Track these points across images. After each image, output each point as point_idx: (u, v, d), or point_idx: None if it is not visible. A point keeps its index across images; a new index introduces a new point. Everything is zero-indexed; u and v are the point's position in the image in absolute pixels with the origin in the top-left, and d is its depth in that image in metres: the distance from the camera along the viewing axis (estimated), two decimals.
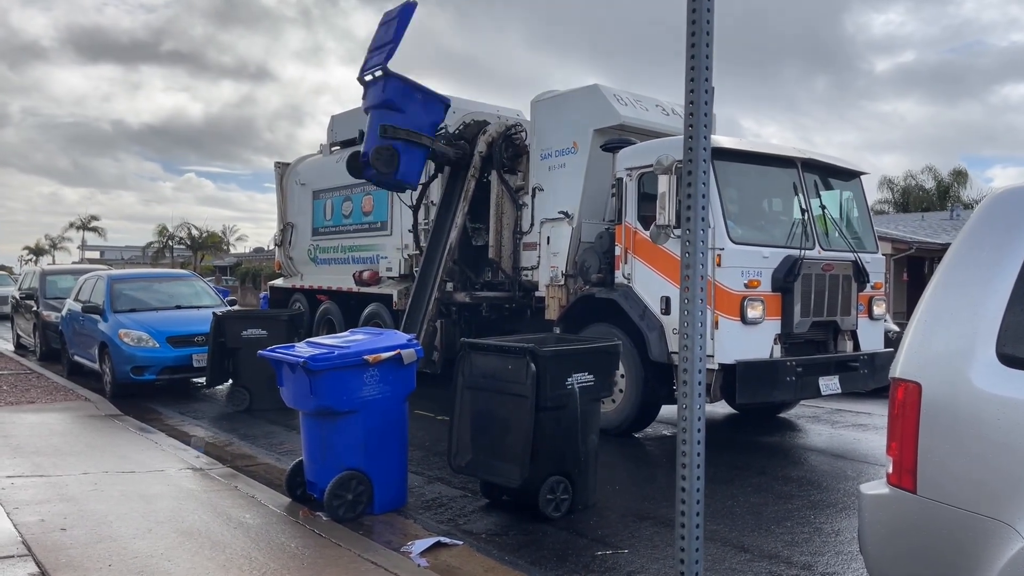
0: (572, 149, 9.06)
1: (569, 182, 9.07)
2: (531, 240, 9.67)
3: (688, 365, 2.82)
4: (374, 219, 12.35)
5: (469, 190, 10.15)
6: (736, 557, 4.83)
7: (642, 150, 8.07)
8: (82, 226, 72.85)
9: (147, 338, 10.51)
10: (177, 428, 8.85)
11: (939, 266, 2.91)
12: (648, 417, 8.22)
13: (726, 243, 7.17)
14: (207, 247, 65.84)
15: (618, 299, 8.02)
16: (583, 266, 8.65)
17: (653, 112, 9.20)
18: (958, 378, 2.65)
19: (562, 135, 9.18)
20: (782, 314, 7.36)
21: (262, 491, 6.01)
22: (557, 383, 5.34)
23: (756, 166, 7.91)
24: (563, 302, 8.90)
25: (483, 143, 10.19)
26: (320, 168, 13.90)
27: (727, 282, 7.12)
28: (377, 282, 11.89)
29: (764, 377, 7.21)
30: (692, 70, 2.65)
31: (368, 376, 5.44)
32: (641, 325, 7.70)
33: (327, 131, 13.93)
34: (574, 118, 9.06)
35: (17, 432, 7.90)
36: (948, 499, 2.62)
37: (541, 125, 9.53)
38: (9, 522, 4.97)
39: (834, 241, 8.02)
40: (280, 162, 15.03)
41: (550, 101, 9.50)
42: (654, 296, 7.71)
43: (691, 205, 2.89)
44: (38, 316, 14.83)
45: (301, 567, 4.40)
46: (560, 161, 9.22)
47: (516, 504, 5.67)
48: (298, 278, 14.27)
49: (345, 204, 13.05)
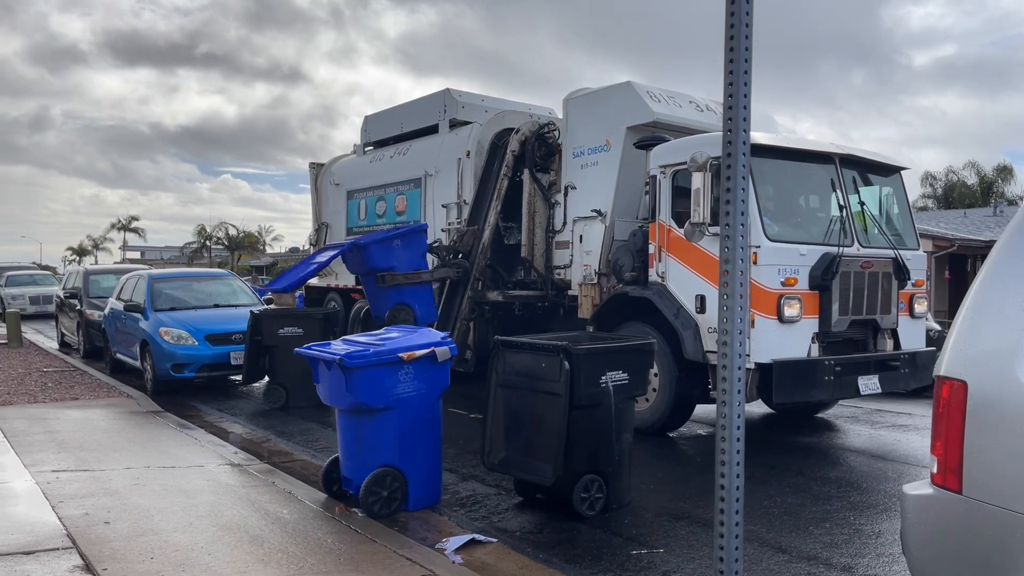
0: (605, 147, 8.99)
1: (602, 180, 9.01)
2: (564, 239, 9.63)
3: (728, 362, 2.79)
4: (407, 218, 12.41)
5: (502, 189, 10.15)
6: (774, 558, 4.77)
7: (676, 147, 7.97)
8: (123, 227, 74.47)
9: (187, 336, 10.70)
10: (216, 424, 8.99)
11: (985, 262, 2.84)
12: (682, 416, 8.16)
13: (762, 241, 7.07)
14: (244, 247, 66.86)
15: (652, 298, 7.94)
16: (616, 264, 8.58)
17: (687, 109, 9.10)
18: (1006, 376, 2.58)
19: (595, 133, 9.12)
20: (820, 312, 7.25)
21: (299, 487, 6.08)
22: (591, 381, 5.32)
23: (793, 162, 7.79)
24: (596, 301, 8.83)
25: (515, 142, 10.19)
26: (354, 168, 14.02)
27: (764, 280, 7.02)
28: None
29: (801, 376, 7.11)
30: (731, 63, 2.62)
31: (403, 374, 5.47)
32: (675, 324, 7.62)
33: (360, 131, 14.08)
34: (607, 115, 8.98)
35: (62, 428, 8.09)
36: (995, 500, 2.55)
37: (573, 123, 9.48)
38: (54, 515, 5.09)
39: (873, 238, 7.86)
40: (315, 163, 15.20)
41: (582, 99, 9.45)
42: (689, 294, 7.63)
43: (730, 200, 2.86)
44: (81, 315, 15.16)
45: (338, 562, 4.44)
46: (593, 159, 9.17)
47: (550, 502, 5.66)
48: (333, 277, 14.19)
49: (379, 204, 13.08)
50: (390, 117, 13.38)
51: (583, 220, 9.20)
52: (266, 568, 4.29)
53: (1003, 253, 2.77)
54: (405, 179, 12.33)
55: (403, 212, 12.51)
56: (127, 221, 74.89)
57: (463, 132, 11.38)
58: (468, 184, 10.93)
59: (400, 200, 12.52)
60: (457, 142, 11.33)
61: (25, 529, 4.81)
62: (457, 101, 12.00)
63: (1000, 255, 2.78)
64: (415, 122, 12.63)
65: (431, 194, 11.67)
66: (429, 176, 11.74)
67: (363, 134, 14.00)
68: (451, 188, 11.20)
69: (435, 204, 11.39)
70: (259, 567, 4.30)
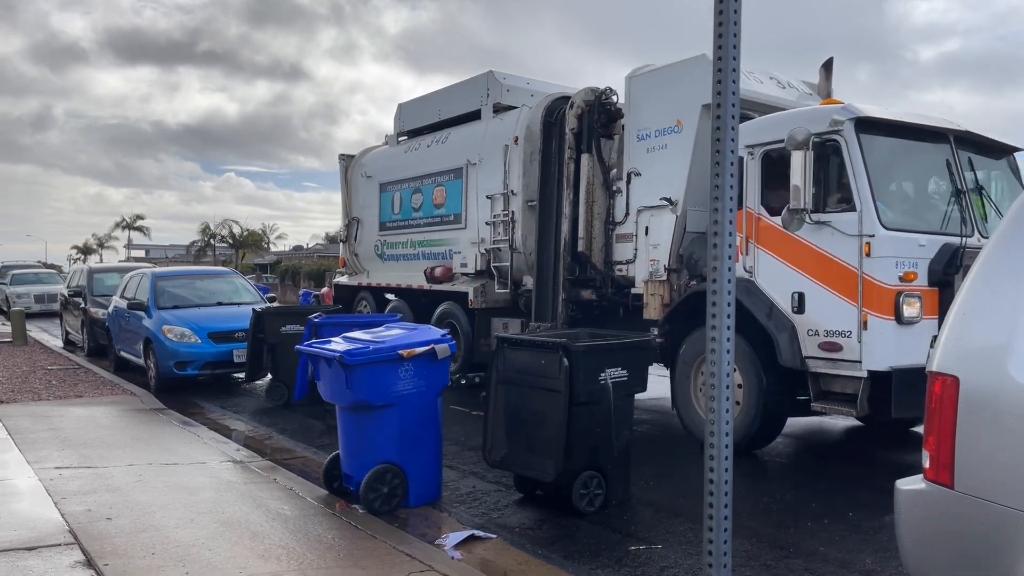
0: (675, 128, 8.04)
1: (672, 165, 8.08)
2: (626, 231, 8.74)
3: (716, 357, 2.80)
4: (446, 212, 11.62)
5: (570, 175, 9.20)
6: (771, 553, 4.78)
7: (767, 124, 7.14)
8: (128, 225, 74.74)
9: (189, 334, 10.74)
10: (218, 422, 9.04)
11: (977, 260, 2.85)
12: (772, 432, 7.26)
13: (877, 229, 6.21)
14: (248, 245, 66.98)
15: (738, 295, 7.05)
16: (690, 259, 7.73)
17: (769, 84, 8.22)
18: (997, 372, 2.59)
19: (663, 113, 8.18)
20: (939, 312, 6.26)
21: (300, 484, 6.11)
22: (590, 378, 5.34)
23: (905, 140, 6.90)
24: (665, 300, 7.94)
25: (572, 118, 9.27)
26: (387, 159, 13.31)
27: (879, 275, 6.18)
28: (450, 279, 11.22)
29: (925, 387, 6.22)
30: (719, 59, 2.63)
31: (403, 371, 5.50)
32: (768, 326, 6.73)
33: (394, 120, 13.32)
34: (678, 93, 8.02)
35: (65, 425, 8.13)
36: (986, 494, 2.56)
37: (637, 103, 8.56)
38: (57, 512, 5.12)
39: (994, 227, 6.99)
40: (344, 154, 14.40)
41: (648, 76, 8.48)
42: (783, 291, 6.75)
43: (719, 184, 2.87)
44: (86, 313, 15.22)
45: (337, 558, 4.47)
46: (661, 142, 8.22)
47: (549, 499, 5.68)
48: (364, 275, 13.70)
49: (415, 196, 12.33)
50: (426, 104, 12.62)
51: (649, 210, 8.29)
52: (267, 564, 4.32)
53: (994, 250, 2.78)
54: (444, 169, 11.58)
55: (442, 205, 11.72)
56: (132, 220, 75.20)
57: (510, 116, 10.60)
58: (516, 173, 10.14)
59: (439, 192, 11.75)
60: (503, 127, 10.53)
61: (28, 525, 4.84)
62: (501, 84, 11.18)
63: (991, 254, 2.80)
64: (455, 108, 11.85)
65: (474, 184, 10.93)
66: (471, 165, 10.98)
67: (396, 123, 13.26)
68: (496, 177, 10.44)
69: (479, 195, 10.67)
70: (260, 563, 4.33)
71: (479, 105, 11.32)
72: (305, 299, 32.17)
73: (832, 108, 6.69)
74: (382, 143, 14.04)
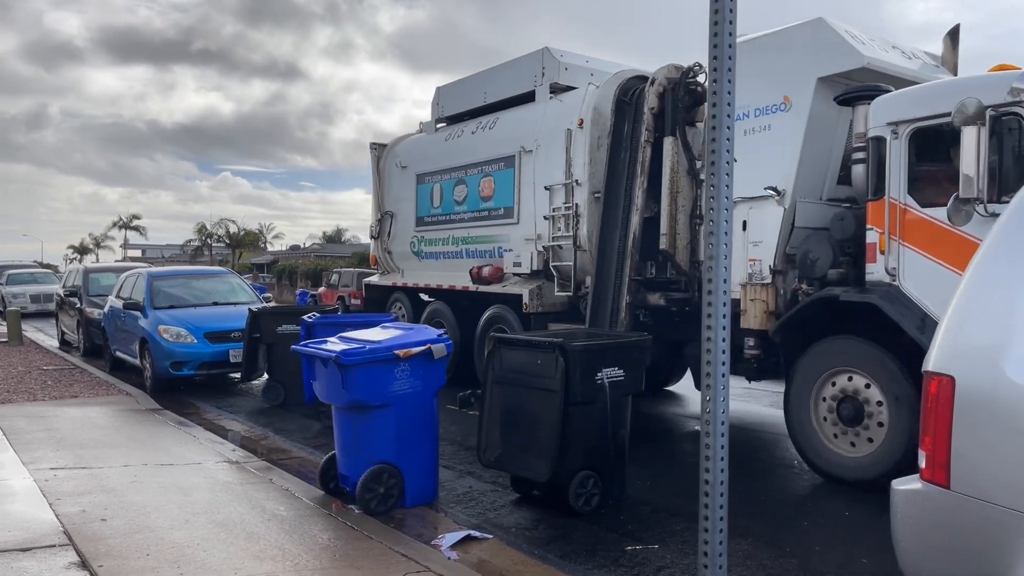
0: (782, 106, 7.02)
1: (777, 149, 7.05)
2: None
3: (712, 357, 2.79)
4: (495, 205, 10.46)
5: (646, 160, 8.14)
6: (767, 552, 4.78)
7: (917, 96, 6.09)
8: (124, 225, 74.65)
9: (185, 334, 10.72)
10: (214, 422, 9.01)
11: (972, 260, 2.85)
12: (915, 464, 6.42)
13: None
14: (245, 245, 66.93)
15: (878, 303, 5.95)
16: (806, 259, 6.65)
17: (894, 54, 7.13)
18: (993, 371, 2.59)
19: (765, 89, 7.11)
20: None
21: (296, 484, 6.10)
22: (587, 378, 5.33)
23: None
24: (770, 306, 6.91)
25: (653, 96, 8.23)
26: (424, 148, 12.17)
27: None
28: (500, 280, 10.10)
29: None
30: (715, 59, 2.62)
31: (399, 371, 5.49)
32: (921, 340, 5.56)
33: (432, 105, 12.29)
34: (787, 65, 7.02)
35: (61, 425, 8.11)
36: (981, 494, 2.56)
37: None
38: (51, 512, 5.10)
39: None
40: (376, 143, 13.34)
41: (745, 46, 7.02)
42: (941, 299, 5.46)
43: (715, 172, 2.85)
44: (81, 313, 15.20)
45: (333, 558, 4.46)
46: (763, 122, 7.19)
47: (545, 499, 5.67)
48: (398, 275, 12.59)
49: (458, 188, 11.16)
50: (469, 86, 11.50)
51: (747, 201, 7.16)
52: (261, 564, 4.31)
53: (989, 253, 2.78)
54: (493, 158, 10.45)
55: (490, 197, 10.56)
56: (128, 219, 75.10)
57: (572, 97, 9.52)
58: (581, 160, 9.01)
59: (486, 183, 10.59)
60: (564, 110, 9.43)
61: (22, 526, 4.83)
62: (559, 62, 10.09)
63: (987, 254, 2.80)
64: (503, 90, 10.73)
65: (528, 174, 9.83)
66: (526, 153, 9.86)
67: (434, 108, 12.18)
68: (557, 166, 9.32)
69: (535, 186, 9.62)
70: (254, 563, 4.32)
71: (533, 86, 10.24)
72: (302, 299, 32.21)
73: (1010, 74, 5.59)
74: (416, 131, 12.94)
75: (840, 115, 6.86)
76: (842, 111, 6.81)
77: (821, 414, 6.41)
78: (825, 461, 6.38)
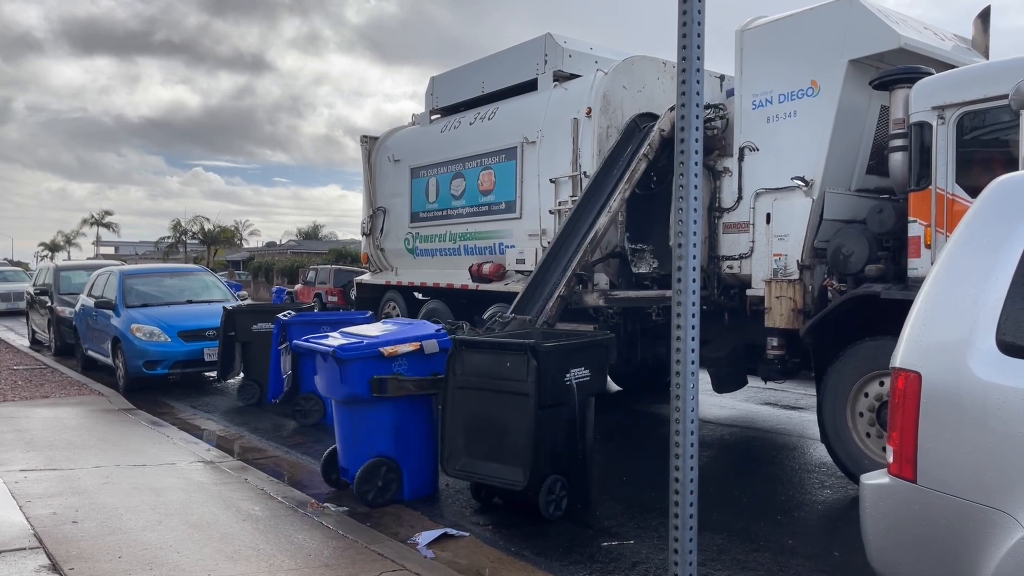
0: (810, 90, 6.66)
1: (804, 136, 6.70)
2: (737, 219, 7.29)
3: (681, 356, 2.81)
4: (496, 199, 10.06)
5: (637, 173, 7.85)
6: (742, 547, 4.83)
7: (965, 78, 5.68)
8: (96, 222, 73.52)
9: (159, 333, 10.60)
10: (189, 422, 8.93)
11: (939, 256, 2.90)
12: None
13: None
14: (220, 242, 66.26)
15: None
16: (839, 253, 6.28)
17: (927, 34, 6.79)
18: (958, 367, 2.63)
19: (792, 73, 6.79)
20: None
21: (271, 484, 6.06)
22: (557, 379, 5.16)
23: None
24: (798, 304, 6.54)
25: (667, 120, 7.96)
26: (419, 140, 11.76)
27: None
28: (501, 277, 9.74)
29: None
30: (684, 59, 2.64)
31: (396, 365, 5.53)
32: None
33: (425, 96, 11.92)
34: (814, 47, 6.66)
35: (31, 426, 7.99)
36: (948, 488, 2.61)
37: (754, 63, 7.12)
38: (21, 515, 5.03)
39: None
40: (367, 136, 12.85)
41: (770, 28, 7.04)
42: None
43: (684, 172, 2.86)
44: (52, 312, 14.97)
45: (307, 558, 4.44)
46: (788, 108, 6.83)
47: (508, 505, 5.55)
48: (391, 273, 12.23)
49: (455, 182, 10.75)
50: (465, 75, 11.11)
51: (771, 192, 6.89)
52: (235, 565, 4.28)
53: (956, 248, 2.83)
54: (493, 149, 10.04)
55: (490, 191, 10.15)
56: (100, 216, 73.96)
57: (578, 85, 9.15)
58: (589, 151, 8.61)
59: (486, 176, 10.18)
60: (570, 98, 9.05)
61: None
62: (563, 48, 9.72)
63: (953, 250, 2.84)
64: (503, 79, 10.36)
65: (532, 166, 9.44)
66: (528, 144, 9.46)
67: (428, 99, 11.78)
68: (563, 157, 8.96)
69: (539, 179, 9.24)
70: (228, 565, 4.29)
71: (535, 74, 9.88)
72: (278, 296, 31.92)
73: None
74: (408, 123, 12.56)
75: (871, 100, 6.57)
76: (872, 95, 6.53)
77: (859, 419, 6.03)
78: (862, 468, 5.81)
